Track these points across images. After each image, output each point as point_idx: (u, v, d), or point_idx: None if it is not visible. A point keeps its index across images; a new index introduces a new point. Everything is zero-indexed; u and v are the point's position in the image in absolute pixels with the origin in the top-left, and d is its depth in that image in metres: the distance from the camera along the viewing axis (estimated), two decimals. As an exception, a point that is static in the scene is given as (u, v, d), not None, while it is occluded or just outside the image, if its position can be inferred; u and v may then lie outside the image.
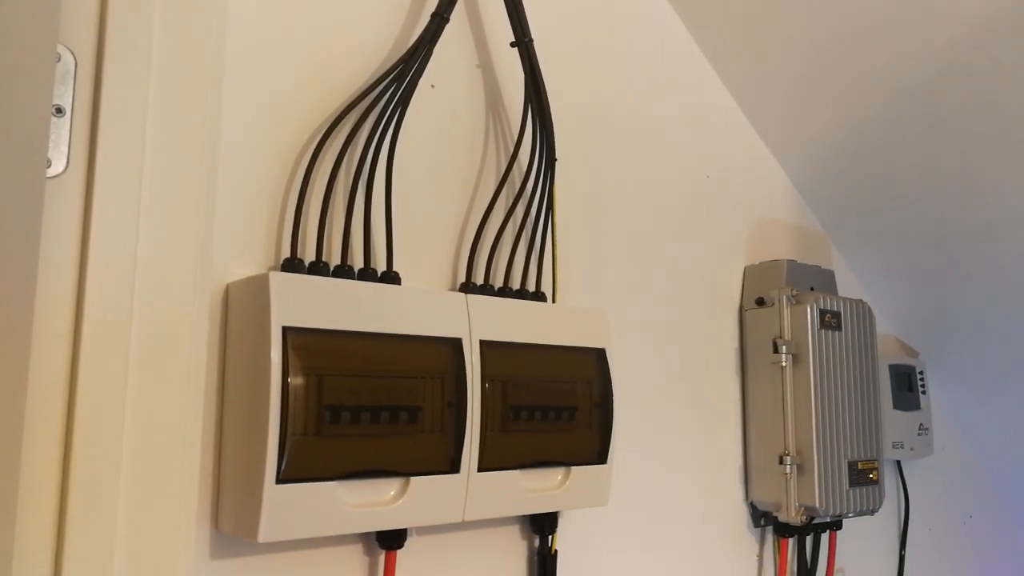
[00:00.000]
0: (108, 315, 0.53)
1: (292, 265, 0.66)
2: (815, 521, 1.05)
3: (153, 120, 0.55)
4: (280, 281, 0.61)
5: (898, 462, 1.35)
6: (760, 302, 1.07)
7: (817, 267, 1.14)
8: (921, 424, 1.32)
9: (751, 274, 1.11)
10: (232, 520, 0.61)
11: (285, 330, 0.60)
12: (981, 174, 1.07)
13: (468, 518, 0.70)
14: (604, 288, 0.94)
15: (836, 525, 1.13)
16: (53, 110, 0.51)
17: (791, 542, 1.11)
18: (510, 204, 0.83)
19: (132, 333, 0.54)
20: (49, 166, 0.51)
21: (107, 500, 0.54)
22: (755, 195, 1.17)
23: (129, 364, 0.54)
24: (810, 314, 1.03)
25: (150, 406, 0.56)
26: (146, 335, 0.54)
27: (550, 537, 0.82)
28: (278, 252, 0.69)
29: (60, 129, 0.51)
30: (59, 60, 0.52)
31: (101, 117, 0.52)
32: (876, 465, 1.08)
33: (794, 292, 1.05)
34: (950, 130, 1.03)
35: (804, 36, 1.02)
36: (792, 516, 1.01)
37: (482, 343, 0.72)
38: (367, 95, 0.72)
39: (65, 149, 0.52)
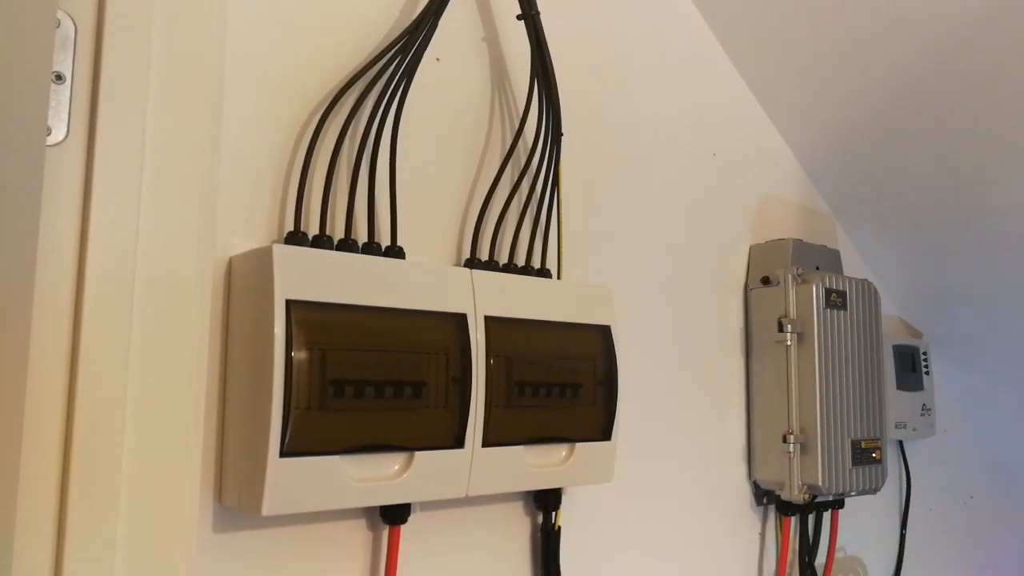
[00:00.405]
0: (110, 286, 0.53)
1: (296, 238, 0.66)
2: (817, 500, 1.05)
3: (155, 88, 0.54)
4: (284, 254, 0.60)
5: (900, 442, 1.35)
6: (765, 281, 1.07)
7: (823, 247, 1.14)
8: (924, 405, 1.32)
9: (756, 253, 1.11)
10: (236, 494, 0.61)
11: (289, 303, 0.59)
12: (988, 157, 1.06)
13: (472, 493, 0.69)
14: (609, 265, 0.93)
15: (838, 504, 1.13)
16: (53, 77, 0.50)
17: (793, 520, 1.11)
18: (515, 179, 0.82)
19: (134, 304, 0.53)
20: (49, 134, 0.50)
21: (110, 475, 0.54)
22: (761, 174, 1.16)
23: (132, 335, 0.53)
24: (815, 293, 1.02)
25: (153, 379, 0.55)
26: (149, 306, 0.54)
27: (554, 514, 0.81)
28: (281, 225, 0.68)
29: (60, 96, 0.51)
30: (59, 26, 0.51)
31: (102, 84, 0.52)
32: (879, 444, 1.07)
33: (799, 271, 1.04)
34: (958, 112, 1.02)
35: (814, 15, 1.01)
36: (795, 494, 1.01)
37: (487, 319, 0.71)
38: (371, 67, 0.71)
39: (65, 117, 0.51)
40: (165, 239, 0.54)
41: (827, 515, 1.14)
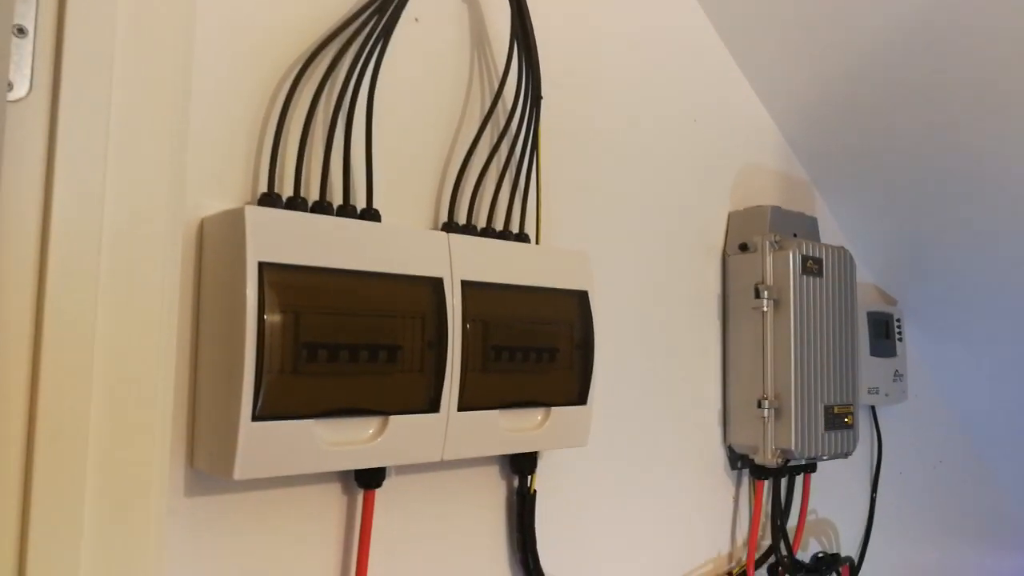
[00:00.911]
0: (75, 248, 0.51)
1: (269, 200, 0.64)
2: (790, 463, 1.06)
3: (122, 42, 0.52)
4: (256, 215, 0.59)
5: (872, 407, 1.37)
6: (743, 247, 1.07)
7: (801, 214, 1.14)
8: (896, 371, 1.34)
9: (735, 220, 1.11)
10: (207, 458, 0.61)
11: (261, 265, 0.58)
12: (965, 127, 1.06)
13: (447, 457, 0.69)
14: (588, 230, 0.93)
15: (811, 468, 1.15)
16: (14, 30, 0.48)
17: (766, 484, 1.12)
18: (494, 143, 0.81)
19: (101, 265, 0.52)
20: (11, 89, 0.48)
21: (76, 438, 0.53)
22: (741, 141, 1.15)
23: (99, 297, 0.52)
24: (792, 260, 1.03)
25: (120, 342, 0.54)
26: (116, 267, 0.53)
27: (529, 477, 0.82)
28: (255, 187, 0.67)
29: (22, 51, 0.49)
30: (20, -23, 0.49)
31: (66, 38, 0.50)
32: (851, 410, 1.09)
33: (777, 238, 1.05)
34: (935, 81, 1.02)
35: (797, -25, 1.00)
36: (768, 459, 1.03)
37: (463, 283, 0.71)
38: (348, 26, 0.70)
39: (28, 72, 0.49)
40: (133, 198, 0.53)
41: (799, 479, 1.16)
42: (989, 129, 1.05)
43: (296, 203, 0.66)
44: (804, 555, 1.21)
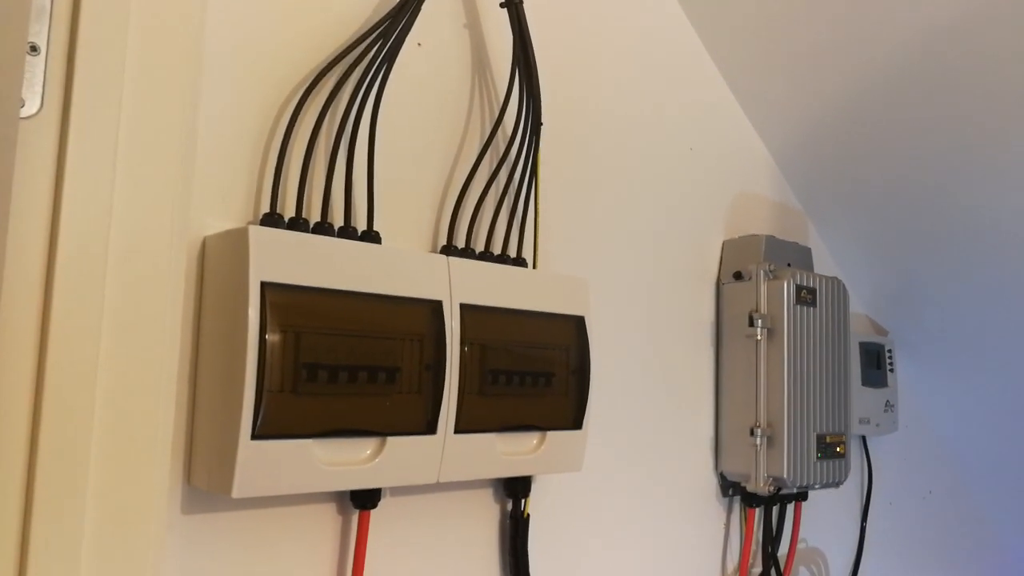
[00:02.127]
0: (82, 264, 0.52)
1: (272, 220, 0.65)
2: (782, 492, 1.06)
3: (132, 62, 0.53)
4: (260, 235, 0.59)
5: (863, 437, 1.38)
6: (738, 276, 1.08)
7: (795, 243, 1.15)
8: (887, 401, 1.35)
9: (729, 248, 1.12)
10: (206, 476, 0.61)
11: (263, 285, 0.59)
12: (958, 159, 1.08)
13: (443, 479, 0.70)
14: (584, 256, 0.94)
15: (802, 496, 1.15)
16: (28, 48, 0.49)
17: (757, 512, 1.12)
18: (494, 168, 0.82)
19: (107, 281, 0.53)
20: (23, 106, 0.49)
21: (78, 453, 0.53)
22: (737, 170, 1.17)
23: (104, 313, 0.53)
24: (786, 289, 1.04)
25: (123, 359, 0.55)
26: (121, 284, 0.53)
27: (523, 501, 0.82)
28: (257, 207, 0.67)
29: (35, 68, 0.50)
30: (35, -3, 0.50)
31: (78, 57, 0.51)
32: (844, 439, 1.09)
33: (771, 267, 1.06)
34: (929, 113, 1.04)
35: (793, 14, 1.01)
36: (760, 487, 1.03)
37: (462, 306, 0.71)
38: (352, 50, 0.71)
39: (39, 89, 0.50)
40: (139, 215, 0.53)
41: (790, 507, 1.16)
42: (980, 163, 1.07)
43: (298, 224, 0.66)
44: (795, 584, 1.20)
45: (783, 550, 1.15)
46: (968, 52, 0.94)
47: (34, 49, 0.50)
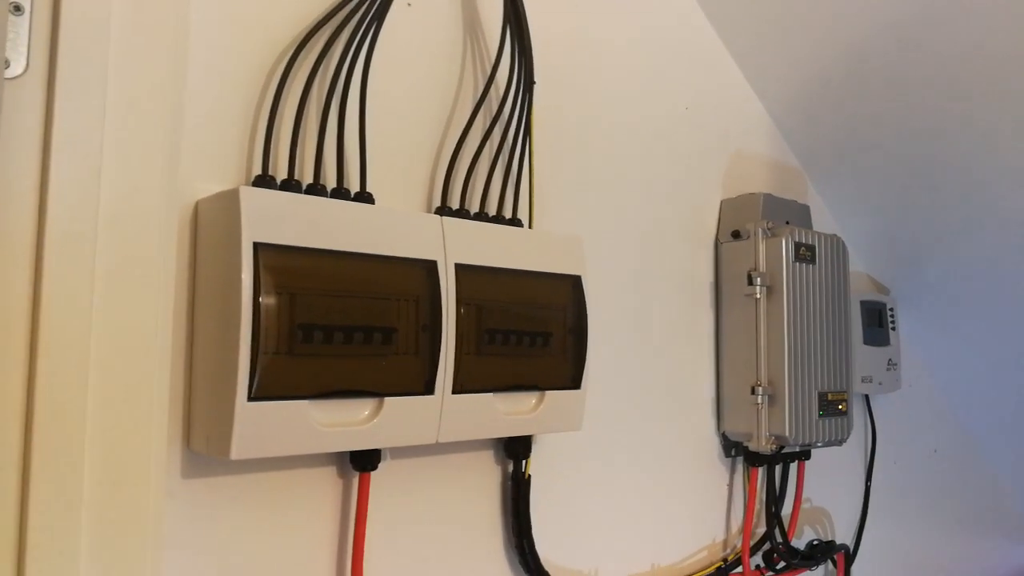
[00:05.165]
0: (72, 227, 0.52)
1: (264, 182, 0.65)
2: (784, 451, 1.07)
3: (118, 22, 0.53)
4: (252, 196, 0.59)
5: (866, 396, 1.38)
6: (736, 235, 1.08)
7: (793, 201, 1.14)
8: (890, 359, 1.35)
9: (727, 207, 1.11)
10: (204, 439, 0.61)
11: (256, 246, 0.59)
12: (957, 116, 1.07)
13: (442, 439, 0.70)
14: (580, 217, 0.93)
15: (805, 455, 1.15)
16: (11, 8, 0.49)
17: (761, 471, 1.13)
18: (487, 128, 0.81)
19: (98, 245, 0.52)
20: (7, 67, 0.49)
21: (74, 420, 0.53)
22: (733, 128, 1.16)
23: (95, 277, 0.53)
24: (785, 247, 1.03)
25: (117, 324, 0.55)
26: (113, 247, 0.53)
27: (524, 462, 0.82)
28: (249, 170, 0.67)
29: (19, 28, 0.49)
30: (14, -44, 0.49)
31: (62, 16, 0.50)
32: (845, 396, 1.09)
33: (770, 225, 1.05)
34: (927, 68, 1.03)
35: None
36: (762, 445, 1.03)
37: (457, 266, 0.71)
38: (341, 9, 0.70)
39: (24, 50, 0.49)
40: (129, 177, 0.53)
41: (794, 467, 1.16)
42: (981, 117, 1.06)
43: (290, 186, 0.66)
44: (799, 542, 1.21)
45: (787, 510, 1.16)
46: (966, 6, 0.93)
47: (18, 9, 0.50)
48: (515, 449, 0.82)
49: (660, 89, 1.05)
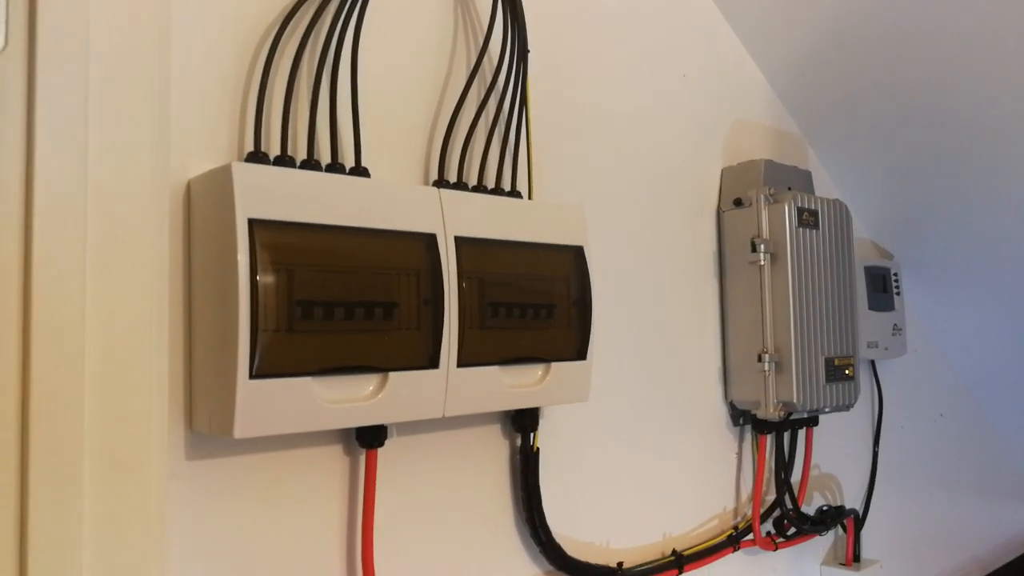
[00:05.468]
0: (61, 204, 0.51)
1: (256, 159, 0.63)
2: (792, 417, 1.06)
3: (97, -7, 0.51)
4: (244, 171, 0.58)
5: (872, 362, 1.37)
6: (738, 203, 1.06)
7: (794, 167, 1.13)
8: (895, 324, 1.34)
9: (728, 175, 1.10)
10: (207, 419, 0.60)
11: (252, 223, 0.58)
12: (957, 80, 1.06)
13: (449, 414, 0.69)
14: (580, 188, 0.92)
15: (812, 422, 1.15)
16: (-13, -18, 0.47)
17: (769, 439, 1.12)
18: (482, 98, 0.80)
19: (88, 222, 0.51)
20: (-14, 43, 0.47)
21: (71, 404, 0.52)
22: (732, 95, 1.14)
23: (87, 257, 0.52)
24: (788, 212, 1.02)
25: (111, 304, 0.54)
26: (103, 224, 0.52)
27: (532, 435, 0.81)
28: (241, 147, 0.66)
29: (-4, 3, 0.48)
30: (-10, -72, 0.48)
31: (40, -11, 0.49)
32: (852, 361, 1.09)
33: (772, 192, 1.04)
34: (927, 34, 1.01)
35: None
36: (770, 412, 1.02)
37: (457, 239, 0.70)
38: (328, -20, 0.68)
39: (2, 25, 0.48)
40: (116, 153, 0.52)
41: (802, 433, 1.15)
42: (983, 77, 1.04)
43: (284, 162, 0.65)
44: (808, 509, 1.21)
45: (796, 477, 1.15)
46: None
47: (-6, -16, 0.48)
48: (523, 422, 0.81)
49: (658, 57, 1.03)
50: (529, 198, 0.83)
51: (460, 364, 0.69)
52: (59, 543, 0.52)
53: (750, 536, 1.07)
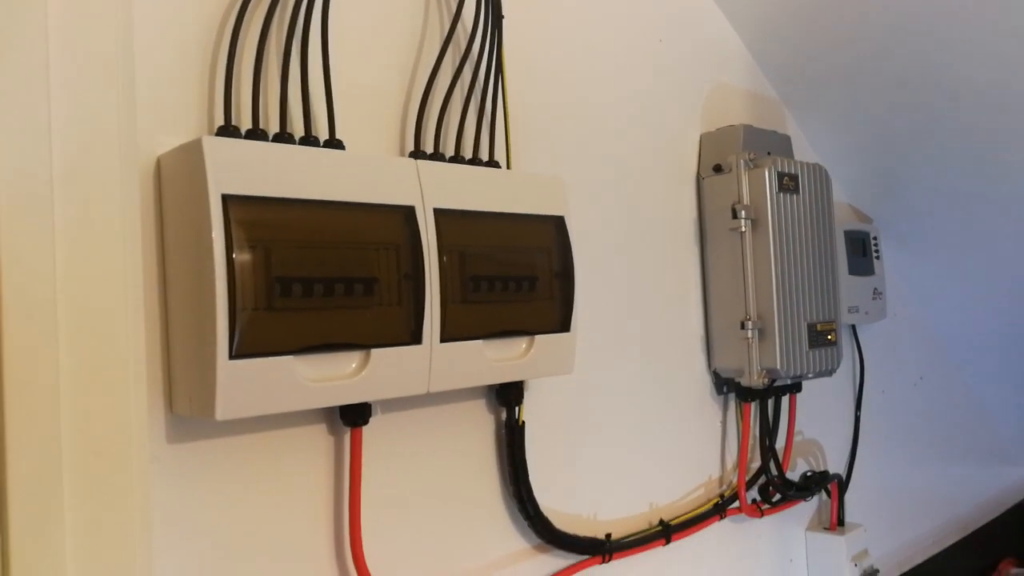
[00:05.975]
0: (25, 187, 0.49)
1: (228, 132, 0.62)
2: (776, 384, 1.06)
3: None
4: (215, 145, 0.56)
5: (853, 326, 1.37)
6: (718, 169, 1.06)
7: (774, 132, 1.12)
8: (875, 289, 1.34)
9: (707, 141, 1.09)
10: (187, 401, 0.59)
11: (225, 199, 0.56)
12: (936, 43, 1.05)
13: (433, 390, 0.68)
14: (559, 157, 0.91)
15: (796, 388, 1.15)
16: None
17: (753, 406, 1.12)
18: (457, 66, 0.78)
19: (55, 205, 0.49)
20: (-62, 15, 0.45)
21: (47, 392, 0.51)
22: (709, 60, 1.13)
23: (55, 238, 0.50)
24: (768, 177, 1.01)
25: (83, 286, 0.52)
26: (71, 208, 0.50)
27: (517, 409, 0.81)
28: (211, 122, 0.64)
29: (-55, -28, 0.46)
30: None
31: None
32: (834, 326, 1.09)
33: (751, 156, 1.03)
34: (906, -20, 1.01)
35: None
36: (754, 380, 1.02)
37: (436, 211, 0.68)
38: (295, -53, 0.66)
39: (-46, -5, 0.46)
40: (81, 129, 0.50)
41: (785, 401, 1.16)
42: (963, 44, 1.04)
43: (256, 135, 0.63)
44: (793, 475, 1.21)
45: (780, 443, 1.16)
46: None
47: (-57, -47, 0.46)
48: (507, 396, 0.80)
49: (633, 22, 1.02)
50: (508, 168, 0.82)
51: (443, 339, 0.68)
52: (41, 530, 0.50)
53: (736, 504, 1.08)
